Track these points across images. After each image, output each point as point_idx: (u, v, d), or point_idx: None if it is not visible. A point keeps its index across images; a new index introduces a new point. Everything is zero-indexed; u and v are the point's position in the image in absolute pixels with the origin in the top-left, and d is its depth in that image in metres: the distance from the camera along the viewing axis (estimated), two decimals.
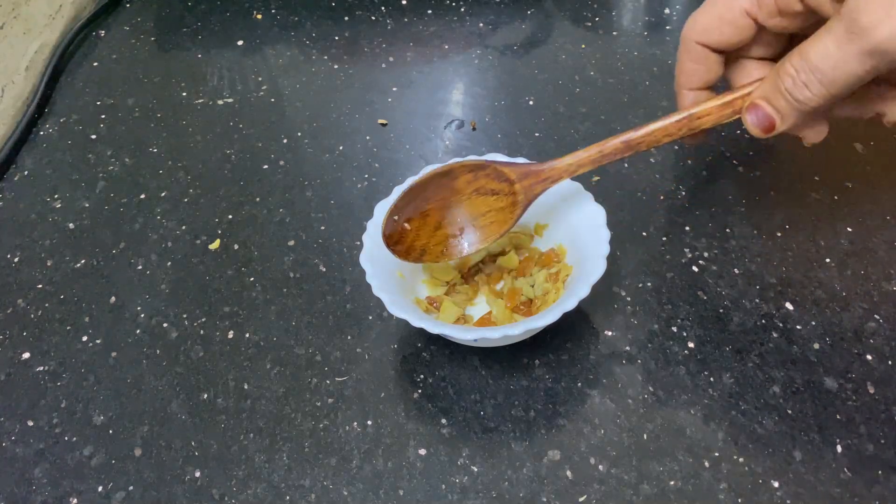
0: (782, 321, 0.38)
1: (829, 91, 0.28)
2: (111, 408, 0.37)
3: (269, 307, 0.41)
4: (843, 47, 0.27)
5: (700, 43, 0.33)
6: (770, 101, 0.30)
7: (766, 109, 0.31)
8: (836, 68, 0.27)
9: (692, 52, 0.33)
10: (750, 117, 0.31)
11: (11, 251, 0.45)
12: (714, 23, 0.32)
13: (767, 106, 0.30)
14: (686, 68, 0.34)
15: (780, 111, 0.30)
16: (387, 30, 0.59)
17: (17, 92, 0.54)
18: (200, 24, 0.61)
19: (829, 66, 0.28)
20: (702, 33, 0.33)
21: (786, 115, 0.30)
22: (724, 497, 0.32)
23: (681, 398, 0.35)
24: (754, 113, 0.31)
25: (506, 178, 0.36)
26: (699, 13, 0.33)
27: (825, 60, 0.28)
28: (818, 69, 0.28)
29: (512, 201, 0.36)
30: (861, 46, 0.26)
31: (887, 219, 0.42)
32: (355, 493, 0.33)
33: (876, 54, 0.26)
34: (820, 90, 0.28)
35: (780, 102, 0.30)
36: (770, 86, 0.30)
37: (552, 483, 0.33)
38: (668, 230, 0.43)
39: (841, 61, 0.27)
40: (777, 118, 0.30)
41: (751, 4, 0.31)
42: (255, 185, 0.47)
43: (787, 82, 0.29)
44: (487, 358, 0.37)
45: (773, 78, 0.30)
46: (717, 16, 0.32)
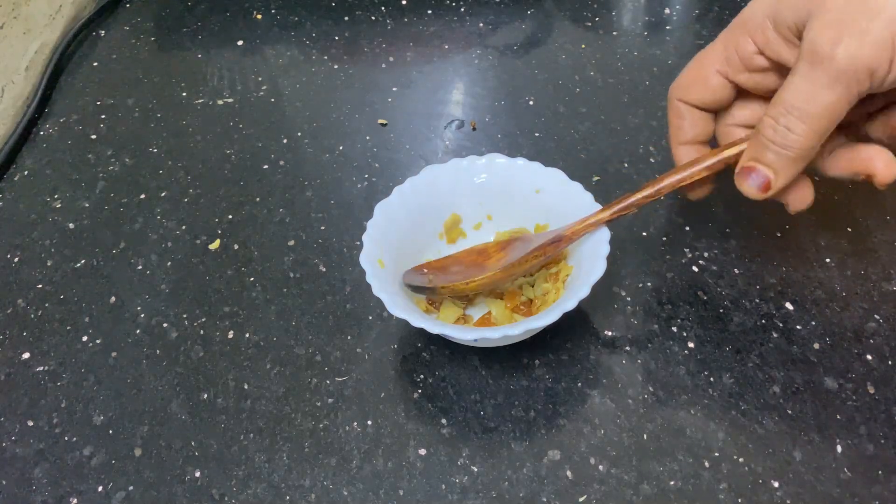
0: (782, 321, 0.38)
1: (810, 127, 0.29)
2: (111, 408, 0.37)
3: (269, 307, 0.41)
4: (810, 79, 0.28)
5: (680, 100, 0.35)
6: (759, 159, 0.30)
7: (758, 168, 0.31)
8: (810, 101, 0.28)
9: (674, 108, 0.35)
10: (744, 181, 0.31)
11: (11, 251, 0.45)
12: (690, 81, 0.34)
13: (758, 165, 0.31)
14: (672, 124, 0.35)
15: (771, 165, 0.30)
16: (387, 30, 0.59)
17: (17, 92, 0.54)
18: (200, 24, 0.61)
19: (803, 100, 0.28)
20: (680, 91, 0.34)
21: (777, 167, 0.30)
22: (724, 497, 0.32)
23: (681, 398, 0.35)
24: (747, 176, 0.31)
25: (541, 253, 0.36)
26: (680, 75, 0.35)
27: (797, 96, 0.28)
28: (794, 107, 0.28)
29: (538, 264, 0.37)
30: (826, 74, 0.27)
31: (887, 219, 0.42)
32: (355, 493, 0.33)
33: (842, 78, 0.27)
34: (801, 128, 0.29)
35: (769, 156, 0.30)
36: (755, 144, 0.30)
37: (552, 483, 0.33)
38: (668, 230, 0.43)
39: (812, 93, 0.28)
40: (770, 174, 0.30)
41: (720, 63, 0.33)
42: (255, 185, 0.47)
43: (769, 132, 0.29)
44: (487, 358, 0.37)
45: (756, 137, 0.30)
46: (692, 75, 0.34)
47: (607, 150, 0.48)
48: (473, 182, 0.40)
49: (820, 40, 0.27)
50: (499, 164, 0.40)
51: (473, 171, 0.40)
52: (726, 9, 0.58)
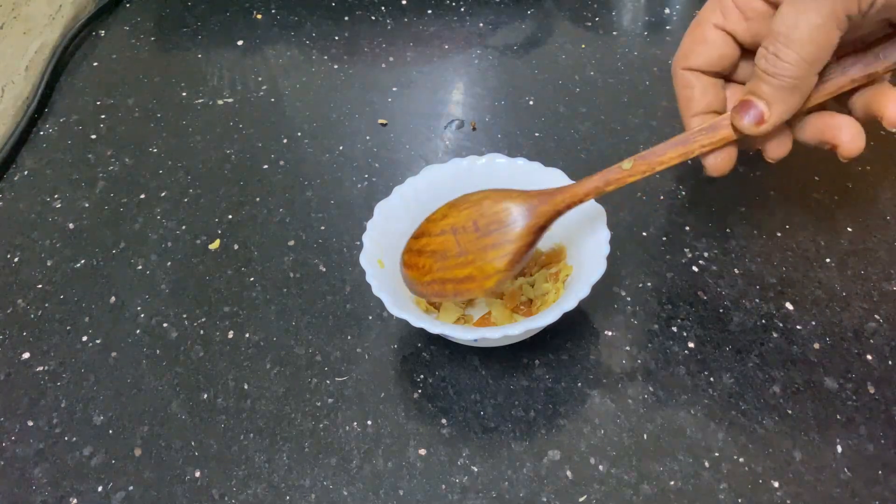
0: (782, 321, 0.38)
1: (799, 54, 0.28)
2: (111, 408, 0.37)
3: (269, 307, 0.41)
4: (797, 5, 0.28)
5: (685, 68, 0.34)
6: (755, 91, 0.30)
7: (754, 101, 0.30)
8: (797, 25, 0.28)
9: (681, 79, 0.34)
10: (739, 116, 0.31)
11: (11, 251, 0.45)
12: (691, 46, 0.34)
13: (753, 98, 0.31)
14: (681, 95, 0.35)
15: (765, 97, 0.30)
16: (387, 30, 0.59)
17: (17, 92, 0.54)
18: (200, 24, 0.61)
19: (790, 26, 0.28)
20: (683, 59, 0.34)
21: (772, 98, 0.30)
22: (724, 497, 0.32)
23: (681, 398, 0.35)
24: (742, 110, 0.31)
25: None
26: (682, 41, 0.34)
27: (785, 24, 0.28)
28: (782, 34, 0.28)
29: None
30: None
31: (887, 219, 0.42)
32: (355, 493, 0.33)
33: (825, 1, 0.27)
34: (791, 55, 0.29)
35: (764, 88, 0.30)
36: (752, 79, 0.31)
37: (552, 483, 0.33)
38: (668, 230, 0.43)
39: (797, 16, 0.28)
40: (764, 107, 0.30)
41: (717, 18, 0.32)
42: (255, 185, 0.47)
43: (762, 63, 0.30)
44: (487, 358, 0.37)
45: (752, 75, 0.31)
46: (692, 39, 0.34)
47: (607, 150, 0.48)
48: (473, 182, 0.40)
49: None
50: (499, 164, 0.40)
51: (473, 171, 0.40)
52: None
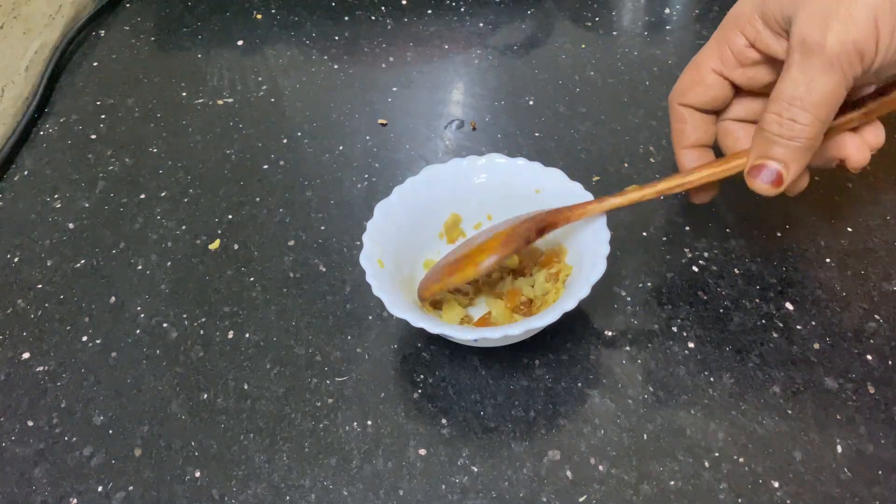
0: (782, 321, 0.38)
1: (815, 115, 0.29)
2: (111, 408, 0.37)
3: (269, 307, 0.41)
4: (806, 70, 0.29)
5: (681, 104, 0.35)
6: (768, 154, 0.31)
7: (768, 164, 0.31)
8: (810, 90, 0.29)
9: (676, 113, 0.36)
10: (756, 179, 0.32)
11: (11, 251, 0.45)
12: (688, 84, 0.35)
13: (768, 161, 0.31)
14: (675, 128, 0.36)
15: (781, 159, 0.31)
16: (387, 30, 0.59)
17: (17, 92, 0.54)
18: (200, 24, 0.61)
19: (803, 91, 0.29)
20: (680, 95, 0.35)
21: (788, 159, 0.31)
22: (724, 497, 0.32)
23: (681, 398, 0.35)
24: (758, 173, 0.31)
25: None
26: (678, 80, 0.35)
27: (797, 88, 0.29)
28: (795, 98, 0.29)
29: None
30: (820, 61, 0.28)
31: (887, 219, 0.42)
32: (355, 493, 0.33)
33: (836, 64, 0.28)
34: (806, 117, 0.29)
35: (778, 151, 0.31)
36: (761, 142, 0.31)
37: (552, 483, 0.33)
38: (668, 230, 0.43)
39: (810, 82, 0.29)
40: (781, 168, 0.31)
41: (715, 62, 0.33)
42: (255, 185, 0.47)
43: (775, 128, 0.30)
44: (487, 358, 0.37)
45: (760, 134, 0.31)
46: (689, 77, 0.35)
47: (607, 150, 0.48)
48: (473, 182, 0.40)
49: (809, 31, 0.28)
50: (499, 164, 0.40)
51: (473, 171, 0.40)
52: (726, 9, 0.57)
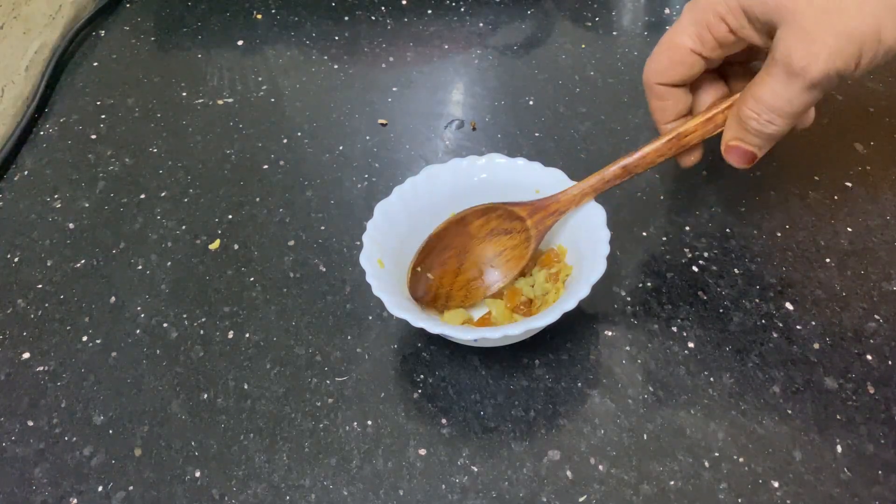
0: (782, 321, 0.38)
1: (790, 121, 0.33)
2: (111, 408, 0.37)
3: (269, 307, 0.41)
4: (788, 87, 0.31)
5: (659, 83, 0.36)
6: (744, 140, 0.34)
7: (745, 147, 0.35)
8: (790, 103, 0.32)
9: (656, 92, 0.37)
10: (732, 156, 0.35)
11: (11, 251, 0.45)
12: (666, 64, 0.36)
13: (744, 145, 0.35)
14: (655, 107, 0.37)
15: (754, 145, 0.35)
16: (387, 30, 0.59)
17: (17, 92, 0.54)
18: (200, 24, 0.61)
19: (783, 103, 0.32)
20: (658, 75, 0.36)
21: (761, 146, 0.34)
22: (724, 497, 0.32)
23: (681, 398, 0.35)
24: (734, 152, 0.35)
25: (517, 216, 0.37)
26: (652, 59, 0.36)
27: (778, 99, 0.32)
28: (775, 108, 0.32)
29: (525, 237, 0.37)
30: (802, 84, 0.31)
31: (887, 219, 0.42)
32: (355, 493, 0.33)
33: (817, 86, 0.31)
34: (782, 122, 0.33)
35: (754, 140, 0.34)
36: (739, 129, 0.34)
37: (552, 483, 0.33)
38: (668, 230, 0.43)
39: (791, 97, 0.31)
40: (756, 150, 0.35)
41: (694, 44, 0.34)
42: (255, 185, 0.47)
43: (753, 125, 0.33)
44: (487, 358, 0.37)
45: (738, 122, 0.34)
46: (667, 59, 0.36)
47: (607, 150, 0.48)
48: (473, 182, 0.40)
49: (795, 54, 0.30)
50: (499, 164, 0.40)
51: (473, 171, 0.40)
52: None
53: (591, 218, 0.37)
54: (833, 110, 0.49)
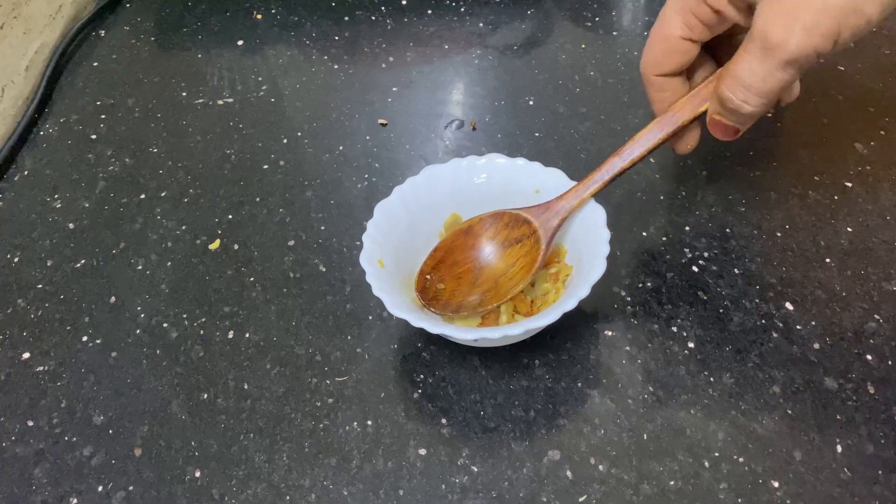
0: (782, 321, 0.38)
1: (767, 98, 0.32)
2: (111, 408, 0.37)
3: (269, 307, 0.41)
4: (764, 63, 0.31)
5: (657, 75, 0.37)
6: (725, 117, 0.34)
7: (726, 122, 0.35)
8: (765, 80, 0.31)
9: (654, 84, 0.37)
10: (715, 130, 0.35)
11: (11, 251, 0.45)
12: (660, 55, 0.36)
13: (725, 120, 0.35)
14: (655, 98, 0.37)
15: (734, 122, 0.35)
16: (387, 30, 0.59)
17: (17, 92, 0.54)
18: (200, 24, 0.61)
19: (758, 80, 0.31)
20: (654, 66, 0.37)
21: (743, 121, 0.34)
22: (724, 497, 0.32)
23: (681, 398, 0.35)
24: (717, 126, 0.35)
25: (524, 220, 0.37)
26: (646, 51, 0.37)
27: (753, 76, 0.31)
28: (751, 86, 0.32)
29: (535, 240, 0.37)
30: (778, 60, 0.30)
31: (887, 219, 0.42)
32: (355, 493, 0.33)
33: (793, 63, 0.30)
34: (759, 101, 0.32)
35: (733, 116, 0.34)
36: (719, 106, 0.34)
37: (552, 483, 0.33)
38: (668, 230, 0.43)
39: (767, 74, 0.31)
40: (738, 125, 0.35)
41: (683, 30, 0.35)
42: (255, 185, 0.47)
43: (731, 104, 0.33)
44: (487, 358, 0.37)
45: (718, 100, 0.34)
46: (660, 49, 0.36)
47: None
48: (473, 182, 0.40)
49: (772, 29, 0.29)
50: (499, 164, 0.40)
51: (473, 171, 0.40)
52: None
53: (591, 218, 0.37)
54: (833, 110, 0.49)
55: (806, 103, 0.49)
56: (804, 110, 0.49)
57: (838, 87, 0.50)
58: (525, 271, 0.37)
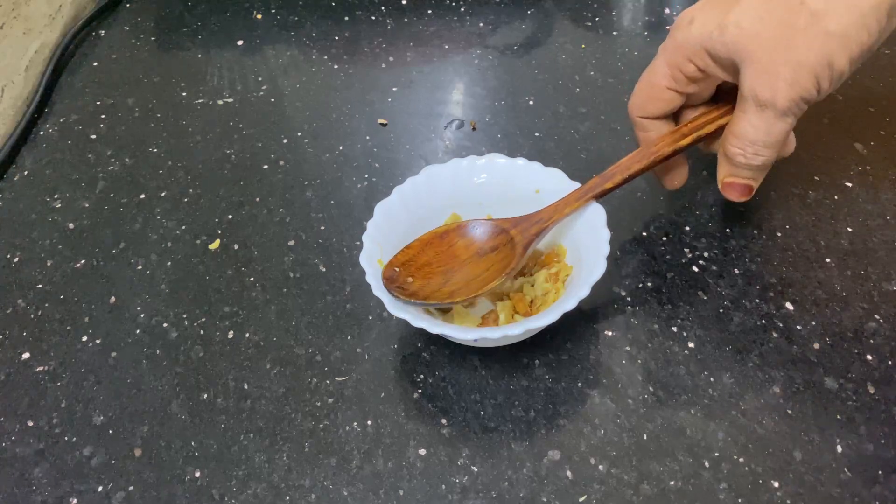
0: (782, 321, 0.38)
1: (774, 149, 0.35)
2: (111, 408, 0.37)
3: (269, 307, 0.41)
4: (763, 119, 0.34)
5: (642, 117, 0.39)
6: (738, 176, 0.37)
7: (741, 182, 0.37)
8: (769, 133, 0.34)
9: (639, 125, 0.39)
10: (730, 192, 0.37)
11: (11, 251, 0.45)
12: (646, 100, 0.38)
13: (740, 180, 0.37)
14: (641, 137, 0.40)
15: (748, 178, 0.37)
16: (387, 30, 0.59)
17: (17, 92, 0.54)
18: (200, 24, 0.61)
19: (763, 134, 0.34)
20: (639, 109, 0.39)
21: (755, 177, 0.37)
22: (724, 497, 0.32)
23: (681, 398, 0.35)
24: (731, 188, 0.37)
25: (501, 229, 0.37)
26: (634, 94, 0.39)
27: (757, 132, 0.34)
28: (756, 140, 0.34)
29: (510, 246, 0.37)
30: (774, 113, 0.33)
31: (887, 219, 0.42)
32: (355, 493, 0.33)
33: (788, 112, 0.33)
34: (768, 152, 0.35)
35: (745, 173, 0.36)
36: (730, 166, 0.37)
37: (552, 483, 0.33)
38: (668, 230, 0.43)
39: (769, 127, 0.34)
40: (752, 182, 0.37)
41: (668, 82, 0.37)
42: (255, 185, 0.47)
43: (741, 160, 0.36)
44: (487, 358, 0.37)
45: (727, 160, 0.36)
46: (646, 95, 0.38)
47: (607, 150, 0.48)
48: (473, 182, 0.40)
49: (759, 89, 0.33)
50: (499, 164, 0.40)
51: (473, 171, 0.40)
52: None
53: (591, 218, 0.37)
54: (833, 110, 0.49)
55: None
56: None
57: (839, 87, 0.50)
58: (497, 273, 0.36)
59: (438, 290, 0.36)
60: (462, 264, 0.37)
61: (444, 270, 0.37)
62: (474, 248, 0.37)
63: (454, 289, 0.36)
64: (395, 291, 0.35)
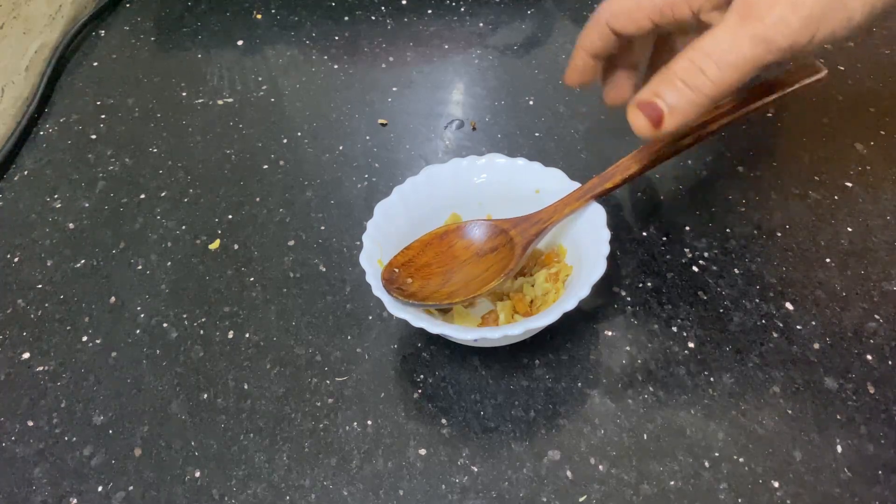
0: (782, 321, 0.38)
1: (722, 74, 0.29)
2: (111, 408, 0.37)
3: (269, 307, 0.41)
4: (736, 33, 0.28)
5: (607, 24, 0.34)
6: (660, 94, 0.30)
7: (656, 103, 0.30)
8: (731, 50, 0.28)
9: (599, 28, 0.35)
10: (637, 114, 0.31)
11: (11, 251, 0.45)
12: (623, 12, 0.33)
13: (657, 99, 0.30)
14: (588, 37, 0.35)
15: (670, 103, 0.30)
16: (387, 30, 0.59)
17: (17, 92, 0.54)
18: (200, 24, 0.61)
19: (724, 48, 0.29)
20: (611, 16, 0.34)
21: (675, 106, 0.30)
22: (724, 497, 0.32)
23: (681, 398, 0.35)
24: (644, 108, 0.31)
25: (500, 229, 0.37)
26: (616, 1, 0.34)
27: (719, 44, 0.29)
28: (713, 52, 0.29)
29: (510, 247, 0.37)
30: (753, 30, 0.28)
31: (887, 219, 0.42)
32: (355, 493, 0.33)
33: (765, 40, 0.28)
34: (715, 73, 0.29)
35: (671, 94, 0.30)
36: (661, 81, 0.30)
37: (552, 483, 0.33)
38: (668, 230, 0.43)
39: (735, 44, 0.28)
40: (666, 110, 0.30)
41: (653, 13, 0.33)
42: (255, 185, 0.47)
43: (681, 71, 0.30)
44: (487, 358, 0.37)
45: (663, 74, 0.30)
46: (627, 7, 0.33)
47: (607, 150, 0.48)
48: (473, 182, 0.40)
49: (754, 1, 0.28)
50: (499, 164, 0.40)
51: (473, 171, 0.40)
52: None
53: (591, 218, 0.37)
54: (833, 110, 0.49)
55: (806, 103, 0.49)
56: (804, 110, 0.49)
57: (838, 87, 0.50)
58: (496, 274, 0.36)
59: (438, 291, 0.36)
60: (461, 265, 0.37)
61: (444, 271, 0.37)
62: (474, 249, 0.37)
63: (454, 289, 0.36)
64: (394, 292, 0.35)
